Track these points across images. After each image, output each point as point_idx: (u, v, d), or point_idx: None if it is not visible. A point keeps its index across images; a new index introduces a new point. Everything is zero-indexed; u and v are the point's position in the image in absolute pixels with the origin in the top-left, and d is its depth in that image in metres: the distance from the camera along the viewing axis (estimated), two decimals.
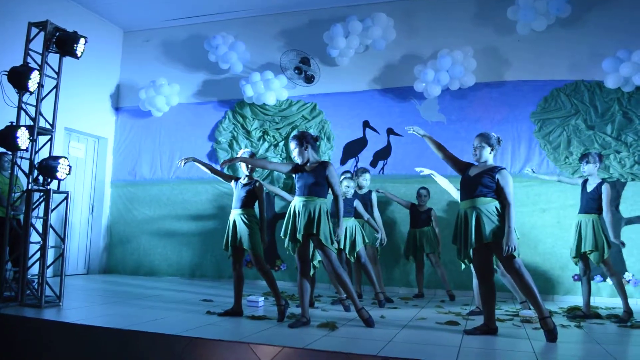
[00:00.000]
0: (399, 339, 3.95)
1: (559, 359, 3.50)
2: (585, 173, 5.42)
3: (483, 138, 4.36)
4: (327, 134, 7.93)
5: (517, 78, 7.30)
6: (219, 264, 8.09)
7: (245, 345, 3.63)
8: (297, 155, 4.60)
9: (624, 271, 6.66)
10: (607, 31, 6.98)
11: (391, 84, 7.76)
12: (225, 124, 8.44)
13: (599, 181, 5.31)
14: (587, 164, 5.37)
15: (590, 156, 5.39)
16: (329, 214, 4.54)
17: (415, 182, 7.14)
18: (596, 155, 5.41)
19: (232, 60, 8.14)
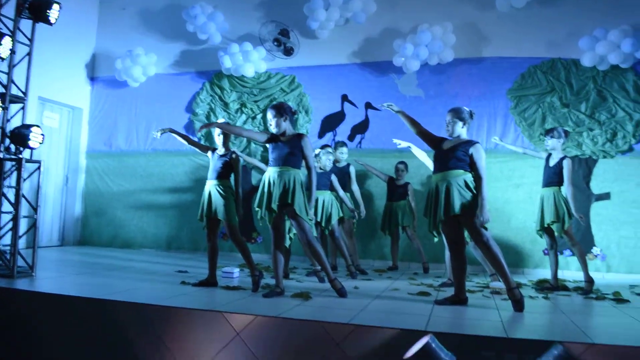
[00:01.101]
0: (371, 308, 4.02)
1: (525, 328, 3.60)
2: (549, 147, 5.49)
3: (455, 113, 4.40)
4: (306, 107, 7.91)
5: (495, 54, 7.34)
6: (196, 236, 8.08)
7: (219, 313, 3.66)
8: (274, 125, 4.58)
9: (592, 246, 6.82)
10: (584, 10, 7.02)
11: (370, 58, 7.74)
12: (202, 95, 8.36)
13: (562, 156, 5.40)
14: (551, 138, 5.45)
15: (555, 131, 5.47)
16: (303, 185, 4.56)
17: (392, 157, 7.18)
18: (562, 130, 5.49)
19: (211, 30, 8.03)
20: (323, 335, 3.34)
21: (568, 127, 6.93)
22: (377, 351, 3.21)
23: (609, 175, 6.90)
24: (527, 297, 4.75)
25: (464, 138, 4.39)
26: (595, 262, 6.80)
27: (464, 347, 3.10)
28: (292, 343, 3.43)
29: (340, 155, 6.66)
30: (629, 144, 6.85)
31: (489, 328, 3.45)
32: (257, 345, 3.50)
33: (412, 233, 6.87)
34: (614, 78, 6.92)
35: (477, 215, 4.11)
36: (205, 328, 3.65)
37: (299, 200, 4.45)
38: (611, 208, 6.86)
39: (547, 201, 5.32)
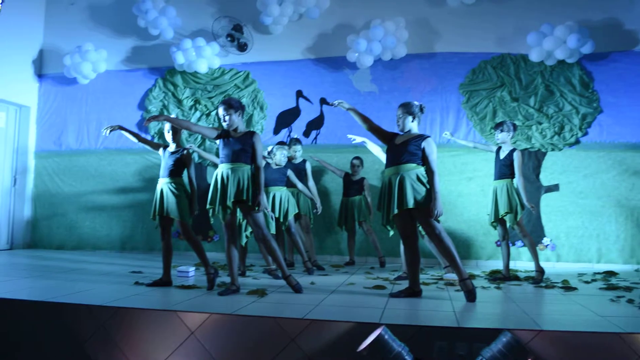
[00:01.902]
0: (326, 302, 4.03)
1: (476, 318, 3.67)
2: (499, 141, 5.60)
3: (405, 108, 4.45)
4: (260, 103, 7.86)
5: (447, 50, 7.47)
6: (150, 236, 7.94)
7: (173, 313, 3.60)
8: (225, 121, 4.52)
9: (542, 237, 7.03)
10: (532, 6, 7.22)
11: (324, 54, 7.76)
12: (155, 92, 8.21)
13: (511, 148, 5.51)
14: (501, 132, 5.55)
15: (504, 125, 5.56)
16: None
17: (348, 152, 7.23)
18: (510, 124, 5.59)
19: (163, 26, 7.88)
20: (278, 330, 3.33)
21: (518, 121, 7.11)
22: (332, 345, 3.22)
23: (557, 168, 7.12)
24: (480, 288, 4.87)
25: (415, 132, 4.44)
26: (545, 252, 7.00)
27: (417, 338, 3.14)
28: (247, 340, 3.41)
29: (295, 152, 6.66)
30: (575, 137, 7.08)
31: (441, 318, 3.51)
32: (212, 344, 3.46)
33: (368, 228, 6.92)
34: (560, 73, 7.13)
35: (431, 209, 4.17)
36: (159, 328, 3.59)
37: (254, 196, 4.42)
38: (560, 199, 7.07)
39: (501, 193, 5.41)
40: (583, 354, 3.04)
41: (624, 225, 6.92)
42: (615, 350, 3.04)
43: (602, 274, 6.05)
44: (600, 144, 7.06)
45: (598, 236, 6.96)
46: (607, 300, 4.35)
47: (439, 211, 4.18)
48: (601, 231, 6.96)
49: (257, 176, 4.47)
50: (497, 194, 5.45)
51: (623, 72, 7.12)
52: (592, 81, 7.12)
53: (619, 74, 7.13)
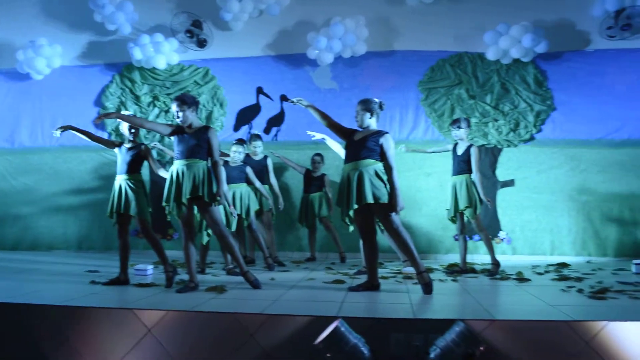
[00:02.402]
0: (285, 298, 4.05)
1: (432, 309, 3.75)
2: (456, 137, 5.69)
3: (363, 104, 4.49)
4: (220, 100, 7.81)
5: (406, 48, 7.56)
6: (108, 234, 7.78)
7: (129, 311, 3.55)
8: (178, 117, 4.46)
9: (498, 230, 7.20)
10: (488, 6, 7.35)
11: (285, 51, 7.75)
12: (112, 88, 8.05)
13: (468, 144, 5.61)
14: (458, 128, 5.65)
15: (461, 121, 5.67)
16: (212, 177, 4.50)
17: (308, 149, 7.24)
18: (466, 120, 5.72)
19: (120, 21, 7.72)
20: (236, 326, 3.33)
21: (475, 118, 7.26)
22: (290, 339, 3.24)
23: (513, 163, 7.31)
24: (437, 281, 4.97)
25: (374, 129, 4.49)
26: (501, 245, 7.18)
27: (374, 330, 3.18)
28: (205, 336, 3.39)
29: (255, 148, 6.64)
30: (530, 134, 7.28)
31: (398, 311, 3.57)
32: (170, 341, 3.43)
33: (328, 224, 6.96)
34: (516, 71, 7.32)
35: (393, 204, 4.23)
36: (115, 326, 3.53)
37: (209, 191, 4.39)
38: (515, 194, 7.27)
39: (460, 188, 5.51)
40: (533, 342, 3.14)
41: (576, 219, 7.15)
42: (564, 337, 3.15)
43: (554, 265, 6.23)
44: (554, 140, 7.28)
45: (551, 230, 7.18)
46: (558, 290, 4.50)
47: (401, 206, 4.25)
48: (554, 225, 7.18)
49: (216, 170, 4.45)
50: (457, 189, 5.55)
51: (575, 71, 7.36)
52: (545, 80, 7.33)
53: (571, 72, 7.36)
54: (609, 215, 7.14)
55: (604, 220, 7.14)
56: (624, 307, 3.71)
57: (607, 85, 7.29)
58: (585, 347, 3.12)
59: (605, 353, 3.11)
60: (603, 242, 7.11)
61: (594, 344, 3.12)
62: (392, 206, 4.25)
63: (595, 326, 3.15)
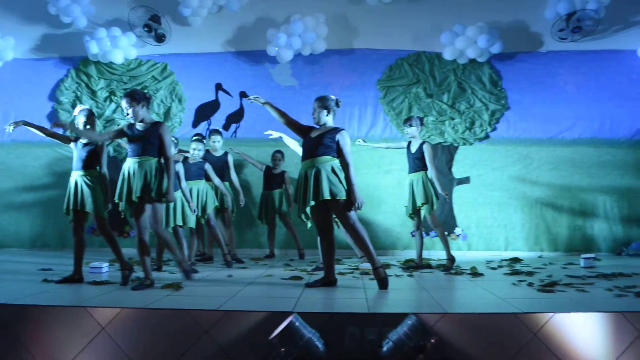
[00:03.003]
0: (242, 294, 4.06)
1: (387, 304, 3.82)
2: (408, 135, 5.80)
3: (320, 101, 4.52)
4: (179, 95, 7.73)
5: (365, 46, 7.64)
6: (63, 232, 7.61)
7: (82, 309, 3.50)
8: (130, 114, 4.39)
9: (454, 227, 7.36)
10: (446, 7, 7.48)
11: (245, 47, 7.72)
12: (67, 82, 7.86)
13: (421, 142, 5.70)
14: (410, 126, 5.74)
15: (413, 120, 5.76)
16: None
17: (268, 146, 7.23)
18: (418, 118, 5.81)
19: (75, 13, 7.52)
20: (191, 323, 3.32)
21: (432, 116, 7.41)
22: (246, 335, 3.25)
23: (469, 161, 7.49)
24: (394, 276, 5.05)
25: (331, 125, 4.53)
26: (457, 241, 7.35)
27: (329, 325, 3.22)
28: (160, 333, 3.37)
29: (214, 143, 6.60)
30: (485, 132, 7.46)
31: (353, 306, 3.62)
32: (124, 338, 3.40)
33: (288, 221, 6.98)
34: (472, 71, 7.49)
35: (351, 201, 4.28)
36: (67, 325, 3.47)
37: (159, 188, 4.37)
38: (470, 191, 7.44)
39: (417, 185, 5.61)
40: (483, 333, 3.24)
41: (529, 215, 7.38)
42: (512, 328, 3.26)
43: (508, 260, 6.41)
44: (508, 139, 7.49)
45: (505, 226, 7.38)
46: (509, 284, 4.64)
47: (360, 202, 4.30)
48: (508, 221, 7.39)
49: (167, 167, 4.41)
50: (414, 186, 5.65)
51: (529, 71, 7.58)
52: (500, 79, 7.53)
53: (525, 73, 7.58)
54: (560, 212, 7.40)
55: (556, 216, 7.39)
56: (570, 299, 3.85)
57: (558, 85, 7.55)
58: (533, 338, 3.24)
59: (551, 343, 3.23)
60: (554, 237, 7.36)
61: (541, 334, 3.24)
62: (350, 202, 4.30)
63: (543, 317, 3.27)
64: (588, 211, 7.38)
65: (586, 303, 3.70)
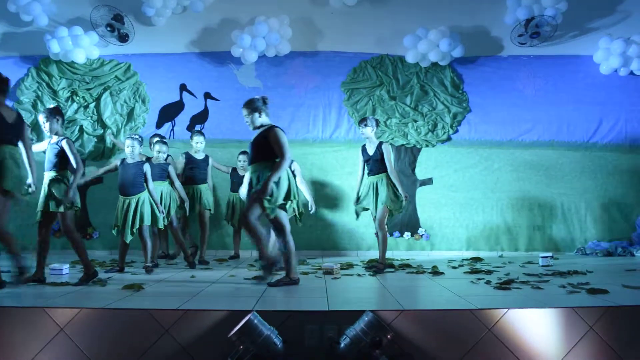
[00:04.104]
0: (203, 293, 4.07)
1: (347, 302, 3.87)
2: (363, 135, 5.73)
3: (248, 106, 4.54)
4: (142, 96, 7.67)
5: (330, 49, 7.73)
6: (25, 234, 7.45)
7: (40, 309, 3.46)
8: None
9: (417, 227, 7.48)
10: (409, 10, 7.54)
11: (209, 48, 7.71)
12: (28, 82, 7.71)
13: (377, 142, 5.64)
14: (365, 126, 5.64)
15: (368, 120, 5.69)
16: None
17: (233, 147, 7.25)
18: (373, 119, 5.75)
19: (36, 12, 7.36)
20: (151, 322, 3.32)
21: (395, 118, 7.52)
22: (206, 333, 3.27)
23: (431, 163, 7.62)
24: (356, 275, 5.12)
25: (267, 124, 4.54)
26: (420, 241, 7.46)
27: (289, 322, 3.26)
28: (120, 333, 3.36)
29: (197, 145, 6.57)
30: (447, 134, 7.61)
31: (314, 304, 3.67)
32: (84, 339, 3.37)
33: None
34: (434, 74, 7.63)
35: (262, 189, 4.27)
36: (25, 326, 3.43)
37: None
38: (433, 192, 7.58)
39: (380, 186, 5.57)
40: (439, 329, 3.33)
41: (490, 215, 7.56)
42: (468, 324, 3.36)
43: (469, 260, 6.55)
44: (469, 141, 7.65)
45: (467, 226, 7.54)
46: (468, 282, 4.75)
47: (263, 192, 4.24)
48: (470, 221, 7.54)
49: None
50: (378, 188, 5.60)
51: (489, 75, 7.77)
52: (462, 83, 7.69)
53: (486, 77, 7.77)
54: (520, 212, 7.60)
55: (516, 217, 7.58)
56: (525, 296, 3.97)
57: (518, 89, 7.76)
58: (488, 334, 3.33)
59: (505, 338, 3.35)
60: (514, 237, 7.56)
61: (496, 330, 3.35)
62: (261, 190, 4.28)
63: (497, 313, 3.38)
64: (547, 212, 7.60)
65: (540, 299, 3.82)
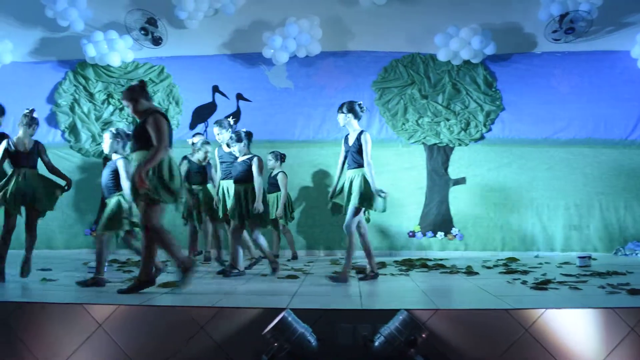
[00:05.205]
0: (238, 292, 4.11)
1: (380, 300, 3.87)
2: (340, 124, 4.97)
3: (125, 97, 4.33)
4: (176, 98, 7.81)
5: (360, 48, 7.72)
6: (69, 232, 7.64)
7: (79, 306, 3.54)
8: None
9: (451, 227, 7.40)
10: (439, 8, 7.52)
11: (241, 49, 7.79)
12: (65, 85, 7.92)
13: (359, 132, 4.83)
14: (341, 113, 4.89)
15: (344, 106, 4.90)
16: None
17: (264, 147, 7.25)
18: (354, 105, 4.92)
19: (73, 17, 7.56)
20: (187, 319, 3.36)
21: (427, 117, 7.47)
22: (240, 330, 3.29)
23: (464, 162, 7.54)
24: (389, 275, 5.10)
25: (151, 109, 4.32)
26: (454, 241, 7.38)
27: (323, 321, 3.26)
28: (156, 330, 3.41)
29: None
30: (480, 133, 7.52)
31: (347, 302, 3.67)
32: (121, 335, 3.43)
33: (283, 226, 6.94)
34: (466, 72, 7.55)
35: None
36: (65, 322, 3.51)
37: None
38: (466, 192, 7.49)
39: (355, 183, 4.75)
40: (474, 329, 3.28)
41: (525, 215, 7.43)
42: (504, 324, 3.29)
43: (504, 260, 6.44)
44: (503, 139, 7.54)
45: (502, 226, 7.43)
46: (503, 282, 4.67)
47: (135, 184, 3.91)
48: (504, 221, 7.43)
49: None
50: (353, 184, 4.77)
51: (523, 72, 7.65)
52: (495, 80, 7.59)
53: (519, 74, 7.65)
54: (556, 212, 7.44)
55: (552, 216, 7.43)
56: (563, 296, 3.89)
57: (553, 86, 7.61)
58: (525, 334, 3.27)
59: (543, 339, 3.27)
60: (550, 237, 7.41)
61: (533, 330, 3.27)
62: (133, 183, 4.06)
63: (534, 313, 3.31)
64: (584, 211, 7.43)
65: (579, 300, 3.74)
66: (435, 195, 7.44)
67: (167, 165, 3.99)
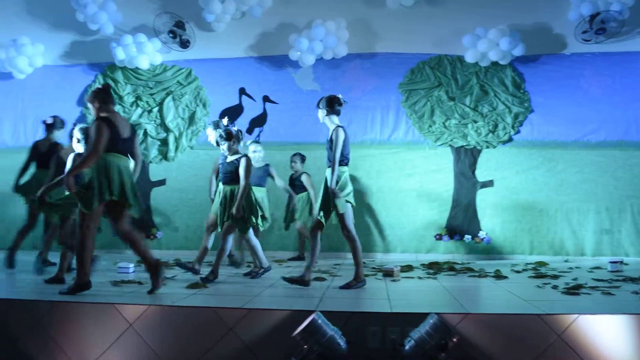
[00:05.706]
0: (266, 293, 4.12)
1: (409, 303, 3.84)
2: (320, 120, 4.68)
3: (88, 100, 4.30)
4: (203, 100, 7.88)
5: (387, 50, 7.68)
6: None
7: (110, 306, 3.59)
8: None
9: (478, 230, 7.32)
10: (467, 10, 7.43)
11: (267, 52, 7.82)
12: (95, 88, 8.03)
13: (334, 128, 4.52)
14: (317, 108, 4.62)
15: (321, 102, 4.63)
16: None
17: (290, 149, 7.28)
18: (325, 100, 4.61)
19: (102, 20, 7.68)
20: (216, 320, 3.38)
21: (454, 119, 7.40)
22: (269, 332, 3.30)
23: (492, 164, 7.44)
24: (417, 278, 5.06)
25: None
26: (482, 245, 7.30)
27: (351, 323, 3.26)
28: (185, 330, 3.44)
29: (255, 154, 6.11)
30: (508, 135, 7.41)
31: (375, 305, 3.65)
32: (151, 335, 3.48)
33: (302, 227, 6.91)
34: (494, 74, 7.46)
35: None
36: (96, 321, 3.57)
37: None
38: (494, 194, 7.39)
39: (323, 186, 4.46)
40: (505, 334, 3.24)
41: (554, 219, 7.30)
42: (536, 329, 3.25)
43: (533, 264, 6.35)
44: (532, 141, 7.43)
45: (530, 229, 7.31)
46: (534, 286, 4.61)
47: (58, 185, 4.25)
48: (533, 225, 7.31)
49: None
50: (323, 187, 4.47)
51: (552, 74, 7.52)
52: (523, 82, 7.48)
53: (548, 75, 7.52)
54: (586, 216, 7.29)
55: (581, 220, 7.29)
56: (596, 302, 3.82)
57: (583, 88, 7.47)
58: (557, 340, 3.22)
59: (576, 345, 3.21)
60: (580, 241, 7.26)
61: (566, 336, 3.22)
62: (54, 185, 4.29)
63: (567, 319, 3.26)
64: (615, 215, 7.26)
65: (612, 305, 3.67)
66: (462, 198, 7.36)
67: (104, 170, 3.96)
